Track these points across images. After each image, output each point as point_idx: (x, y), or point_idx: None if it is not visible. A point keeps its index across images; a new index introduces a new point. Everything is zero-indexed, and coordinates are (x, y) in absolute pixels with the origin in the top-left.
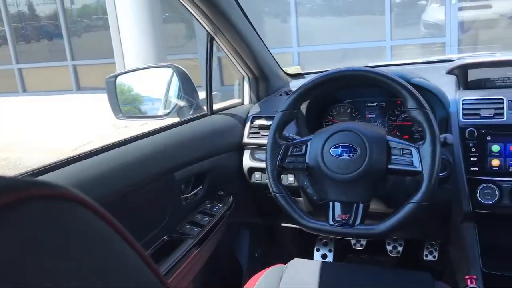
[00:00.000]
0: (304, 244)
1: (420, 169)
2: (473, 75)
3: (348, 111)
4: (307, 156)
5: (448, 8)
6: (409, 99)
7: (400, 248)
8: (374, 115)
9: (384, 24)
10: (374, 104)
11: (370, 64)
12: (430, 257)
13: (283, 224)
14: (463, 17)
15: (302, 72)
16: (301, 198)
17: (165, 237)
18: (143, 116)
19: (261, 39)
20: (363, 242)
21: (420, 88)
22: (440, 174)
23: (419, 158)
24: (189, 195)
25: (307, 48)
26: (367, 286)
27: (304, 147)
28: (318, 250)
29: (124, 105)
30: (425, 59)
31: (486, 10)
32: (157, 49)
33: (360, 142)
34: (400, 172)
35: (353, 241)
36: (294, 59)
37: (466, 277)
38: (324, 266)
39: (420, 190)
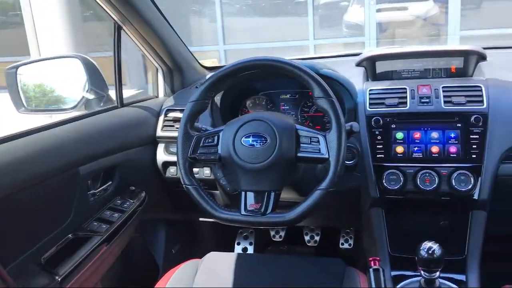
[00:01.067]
0: (225, 238)
1: (327, 156)
2: (381, 67)
3: (263, 102)
4: (219, 147)
5: (367, 10)
6: (316, 88)
7: (317, 238)
8: (288, 107)
9: (308, 25)
10: (288, 96)
11: (287, 58)
12: (346, 245)
13: (201, 219)
14: (381, 18)
15: (219, 64)
16: (217, 191)
17: (69, 235)
18: (48, 109)
19: (174, 31)
20: (282, 233)
21: (328, 78)
22: (349, 162)
23: (326, 146)
24: (97, 191)
25: (233, 46)
26: (281, 275)
27: (216, 137)
28: (238, 243)
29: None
30: (337, 53)
31: (403, 11)
32: (76, 46)
33: (270, 131)
34: (309, 159)
35: (272, 233)
36: (220, 56)
37: (370, 258)
38: (240, 258)
39: (327, 176)
